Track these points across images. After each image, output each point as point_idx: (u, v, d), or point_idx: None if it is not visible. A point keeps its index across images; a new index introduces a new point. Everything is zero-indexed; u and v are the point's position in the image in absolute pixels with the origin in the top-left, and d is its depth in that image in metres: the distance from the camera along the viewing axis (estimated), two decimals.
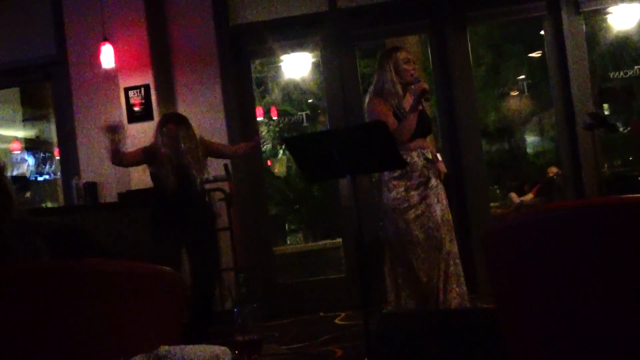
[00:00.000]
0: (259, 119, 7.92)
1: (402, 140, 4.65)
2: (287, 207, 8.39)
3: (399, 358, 3.51)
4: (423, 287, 4.83)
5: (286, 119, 9.03)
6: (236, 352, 2.07)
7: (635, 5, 7.14)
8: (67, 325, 1.94)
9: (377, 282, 5.91)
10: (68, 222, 5.68)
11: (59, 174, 7.53)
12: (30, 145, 8.04)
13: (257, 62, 7.83)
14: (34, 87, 7.99)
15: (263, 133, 8.06)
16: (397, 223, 4.76)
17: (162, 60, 7.11)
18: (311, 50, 7.53)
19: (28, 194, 7.30)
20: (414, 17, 7.27)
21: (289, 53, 7.67)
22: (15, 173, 7.42)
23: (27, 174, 7.64)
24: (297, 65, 7.92)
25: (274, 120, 8.96)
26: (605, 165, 7.00)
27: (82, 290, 1.98)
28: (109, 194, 6.75)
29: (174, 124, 5.53)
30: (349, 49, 7.25)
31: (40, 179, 7.77)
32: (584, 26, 7.07)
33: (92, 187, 6.69)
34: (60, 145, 7.46)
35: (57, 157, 7.57)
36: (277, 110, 9.02)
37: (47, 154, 7.85)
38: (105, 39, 6.90)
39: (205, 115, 7.04)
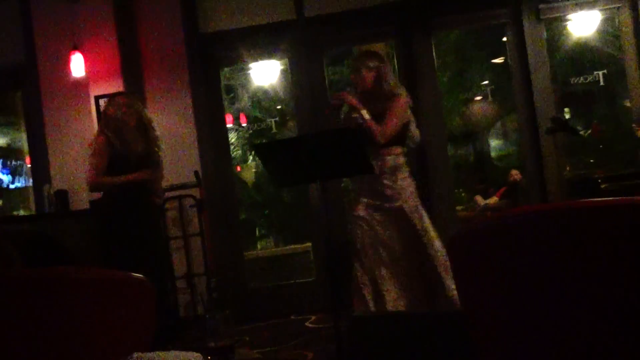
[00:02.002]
0: (229, 125, 7.93)
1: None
2: (257, 212, 8.41)
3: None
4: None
5: (255, 126, 9.01)
6: (209, 357, 2.14)
7: (594, 12, 7.22)
8: (38, 332, 1.95)
9: (347, 285, 5.98)
10: (39, 231, 5.70)
11: (30, 181, 7.48)
12: (1, 154, 7.99)
13: (227, 69, 7.83)
14: (3, 95, 7.91)
15: (232, 139, 8.09)
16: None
17: (132, 69, 7.07)
18: (280, 58, 7.54)
19: (0, 202, 7.30)
20: (381, 24, 7.28)
21: (257, 60, 7.66)
22: None
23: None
24: (266, 73, 7.92)
25: (243, 126, 8.98)
26: (567, 168, 7.09)
27: (53, 298, 1.99)
28: (80, 201, 6.68)
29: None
30: (316, 56, 7.28)
31: (11, 187, 7.73)
32: (544, 33, 7.15)
33: (63, 195, 6.71)
34: (30, 153, 7.42)
35: (28, 165, 7.53)
36: (247, 116, 9.03)
37: (17, 162, 7.81)
38: (76, 48, 6.91)
39: (175, 122, 7.07)
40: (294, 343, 5.60)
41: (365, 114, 4.61)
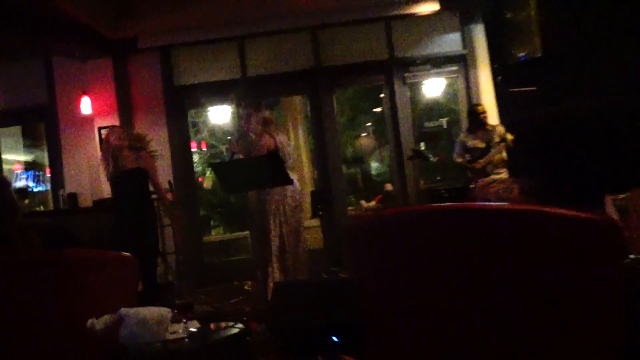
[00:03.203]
0: (193, 149, 7.86)
1: None
2: (212, 209, 8.35)
3: (286, 313, 3.55)
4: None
5: (212, 150, 8.94)
6: (175, 311, 2.18)
7: (440, 79, 7.35)
8: (55, 295, 1.93)
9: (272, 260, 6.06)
10: (55, 223, 5.61)
11: (49, 186, 7.37)
12: (28, 167, 7.84)
13: (192, 111, 7.75)
14: (31, 125, 7.76)
15: (195, 159, 8.06)
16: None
17: (125, 108, 7.05)
18: (229, 104, 7.42)
19: (27, 201, 7.12)
20: (298, 84, 7.32)
21: (214, 105, 7.57)
22: (17, 186, 7.23)
23: (26, 187, 7.46)
24: (220, 114, 7.71)
25: (203, 150, 8.94)
26: (422, 183, 7.18)
27: (65, 271, 1.97)
28: (86, 201, 6.59)
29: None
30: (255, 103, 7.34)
31: (35, 190, 7.59)
32: (408, 92, 7.21)
33: (73, 197, 6.56)
34: (50, 166, 7.28)
35: (48, 175, 7.41)
36: (206, 143, 9.02)
37: (40, 172, 7.68)
38: (85, 93, 6.87)
39: (156, 147, 6.97)
40: (236, 300, 5.60)
41: None
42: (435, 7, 6.92)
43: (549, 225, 1.42)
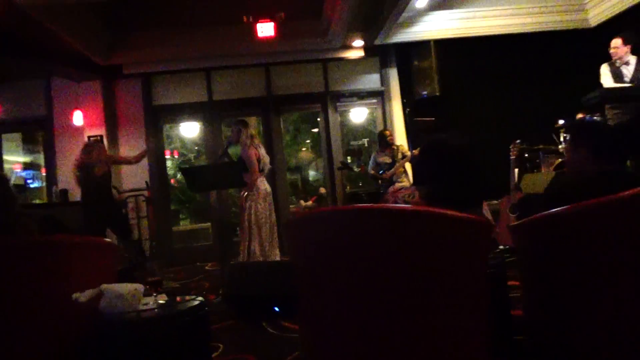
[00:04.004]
0: (167, 156, 7.75)
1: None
2: (181, 205, 8.21)
3: (238, 287, 3.53)
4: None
5: (182, 157, 8.85)
6: (147, 287, 2.13)
7: (363, 108, 7.39)
8: (48, 273, 1.86)
9: (229, 247, 5.99)
10: (49, 214, 5.36)
11: (44, 183, 7.04)
12: (27, 166, 7.47)
13: (167, 125, 7.65)
14: (30, 133, 7.43)
15: (169, 164, 7.90)
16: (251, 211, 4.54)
17: (111, 121, 6.84)
18: (198, 121, 7.26)
19: (24, 195, 6.80)
20: (253, 108, 7.23)
21: (185, 122, 7.39)
22: (16, 182, 6.86)
23: (24, 183, 7.10)
24: (189, 129, 7.47)
25: (175, 157, 8.77)
26: (348, 188, 7.30)
27: (57, 253, 1.91)
28: (76, 196, 6.31)
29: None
30: (218, 121, 7.18)
31: (32, 186, 7.23)
32: (339, 117, 7.24)
33: (64, 192, 6.37)
34: (45, 166, 7.00)
35: (44, 174, 7.08)
36: (178, 152, 8.87)
37: (37, 172, 7.32)
38: (77, 108, 6.66)
39: (135, 154, 6.77)
40: (198, 278, 5.49)
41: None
42: (361, 53, 7.02)
43: (437, 222, 1.47)
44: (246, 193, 4.53)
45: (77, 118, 6.63)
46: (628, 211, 1.38)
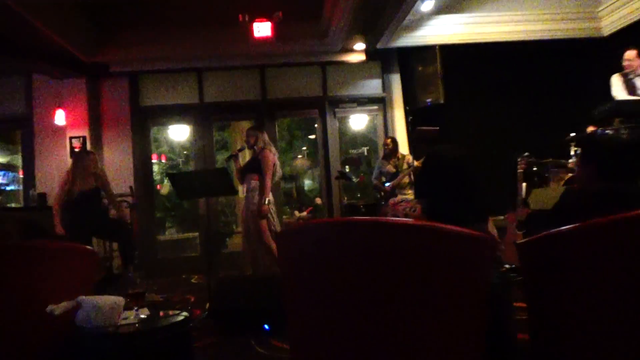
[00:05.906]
0: (154, 160, 7.71)
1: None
2: (167, 213, 8.18)
3: (227, 302, 3.59)
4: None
5: (170, 162, 8.83)
6: (128, 299, 2.11)
7: (363, 115, 7.39)
8: (23, 280, 1.89)
9: (218, 258, 5.96)
10: (27, 218, 5.30)
11: (21, 186, 6.99)
12: (3, 167, 7.42)
13: (155, 128, 7.61)
14: (8, 131, 7.37)
15: (155, 169, 7.86)
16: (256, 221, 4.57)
17: (95, 122, 6.83)
18: (187, 124, 7.27)
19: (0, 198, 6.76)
20: (246, 112, 7.22)
21: (174, 124, 7.43)
22: None
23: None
24: (179, 132, 7.57)
25: (162, 162, 8.76)
26: (345, 198, 7.27)
27: (34, 258, 1.93)
28: (54, 200, 6.33)
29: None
30: (209, 124, 7.18)
31: (8, 189, 7.18)
32: (337, 124, 7.26)
33: (43, 196, 6.31)
34: (23, 168, 6.94)
35: (21, 175, 7.04)
36: (165, 156, 8.86)
37: (14, 174, 7.28)
38: (60, 106, 6.64)
39: (121, 157, 6.85)
40: (183, 291, 5.47)
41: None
42: (362, 57, 7.02)
43: (440, 238, 1.47)
44: (267, 199, 4.56)
45: (59, 117, 6.60)
46: None
